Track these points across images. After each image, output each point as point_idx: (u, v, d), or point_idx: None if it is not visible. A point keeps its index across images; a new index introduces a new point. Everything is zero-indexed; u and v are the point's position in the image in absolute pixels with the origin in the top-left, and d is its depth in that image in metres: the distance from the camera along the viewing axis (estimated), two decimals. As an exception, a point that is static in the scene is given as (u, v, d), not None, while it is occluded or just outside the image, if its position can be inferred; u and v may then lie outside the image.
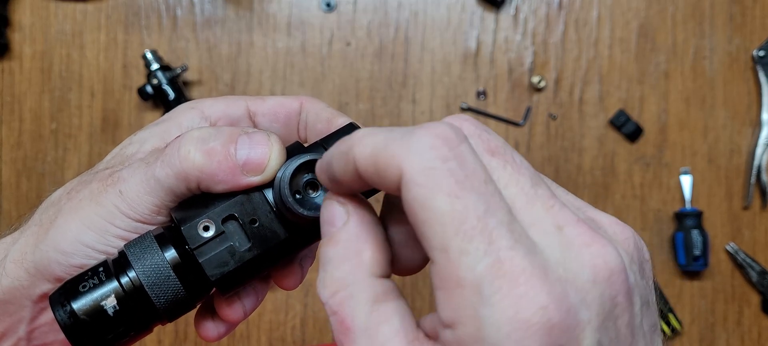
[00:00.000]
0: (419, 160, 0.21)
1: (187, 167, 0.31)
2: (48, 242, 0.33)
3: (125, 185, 0.33)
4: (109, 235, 0.33)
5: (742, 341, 0.91)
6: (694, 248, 0.87)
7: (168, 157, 0.32)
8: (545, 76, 0.91)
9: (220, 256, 0.30)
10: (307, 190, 0.31)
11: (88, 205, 0.33)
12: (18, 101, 0.92)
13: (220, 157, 0.31)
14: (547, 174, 0.91)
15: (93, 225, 0.33)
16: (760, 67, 0.90)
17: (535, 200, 0.22)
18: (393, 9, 0.92)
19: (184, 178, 0.32)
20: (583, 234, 0.22)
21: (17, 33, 0.92)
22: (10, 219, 0.92)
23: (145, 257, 0.31)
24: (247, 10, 0.92)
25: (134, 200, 0.32)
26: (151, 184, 0.32)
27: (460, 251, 0.20)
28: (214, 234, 0.31)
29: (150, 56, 0.86)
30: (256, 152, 0.31)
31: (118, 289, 0.30)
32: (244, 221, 0.31)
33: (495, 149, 0.24)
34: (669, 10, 0.92)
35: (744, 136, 0.92)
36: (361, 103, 0.92)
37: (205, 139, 0.32)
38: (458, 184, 0.21)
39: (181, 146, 0.32)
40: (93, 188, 0.34)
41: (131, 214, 0.33)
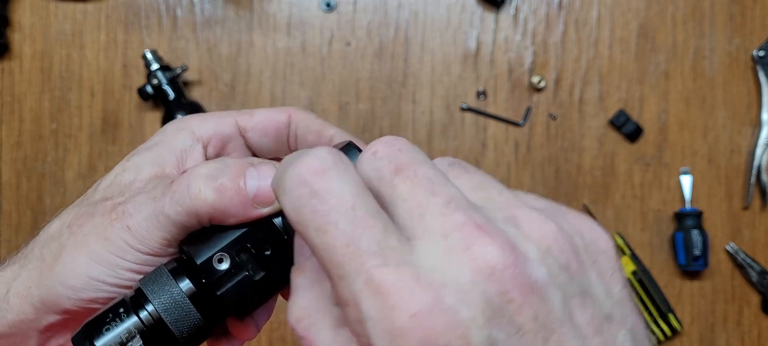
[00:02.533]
0: (289, 200, 0.23)
1: (198, 205, 0.31)
2: (54, 277, 0.33)
3: (132, 219, 0.33)
4: (119, 268, 0.33)
5: (742, 341, 0.91)
6: (694, 248, 0.87)
7: (178, 195, 0.32)
8: (545, 76, 0.91)
9: (236, 286, 0.31)
10: None
11: (95, 240, 0.33)
12: (18, 101, 0.92)
13: (231, 193, 0.31)
14: (548, 174, 0.91)
15: (102, 260, 0.33)
16: (760, 67, 0.90)
17: (427, 210, 0.23)
18: (393, 9, 0.92)
19: (195, 214, 0.32)
20: (467, 237, 0.22)
21: (17, 33, 0.92)
22: (10, 219, 0.92)
23: (162, 292, 0.32)
24: (247, 10, 0.92)
25: (144, 236, 0.32)
26: (161, 220, 0.32)
27: (337, 277, 0.22)
28: (229, 266, 0.31)
29: (150, 56, 0.86)
30: (265, 184, 0.32)
31: (139, 324, 0.31)
32: (256, 250, 0.32)
33: (400, 166, 0.24)
34: (669, 10, 0.92)
35: (744, 136, 0.92)
36: (361, 103, 0.92)
37: (214, 175, 0.32)
38: (322, 218, 0.22)
39: (191, 185, 0.32)
40: (97, 222, 0.33)
41: (141, 248, 0.33)
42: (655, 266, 0.91)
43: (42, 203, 0.91)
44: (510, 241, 0.22)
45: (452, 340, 0.20)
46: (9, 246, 0.92)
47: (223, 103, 0.91)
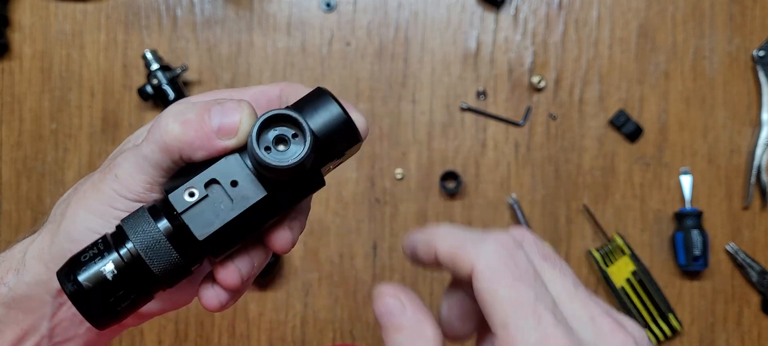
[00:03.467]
0: (486, 261, 0.29)
1: (168, 139, 0.34)
2: (60, 234, 0.36)
3: (119, 169, 0.35)
4: (111, 217, 0.35)
5: (742, 341, 0.91)
6: (694, 248, 0.87)
7: (151, 134, 0.35)
8: (545, 76, 0.91)
9: (205, 217, 0.33)
10: (277, 145, 0.33)
11: (91, 194, 0.36)
12: (18, 101, 0.92)
13: (195, 126, 0.34)
14: (548, 174, 0.91)
15: (96, 211, 0.35)
16: (760, 67, 0.90)
17: (575, 297, 0.30)
18: (393, 9, 0.92)
19: (166, 150, 0.34)
20: (612, 324, 0.29)
21: (17, 33, 0.92)
22: (10, 219, 0.92)
23: (138, 227, 0.33)
24: (247, 10, 0.92)
25: (128, 181, 0.35)
26: (140, 162, 0.35)
27: (516, 327, 0.27)
28: (198, 198, 0.33)
29: (150, 56, 0.86)
30: (228, 118, 0.34)
31: (116, 258, 0.33)
32: (225, 183, 0.33)
33: (547, 255, 0.31)
34: (669, 10, 0.92)
35: (744, 136, 0.92)
36: (361, 103, 0.92)
37: (181, 112, 0.35)
38: (514, 278, 0.28)
39: (161, 121, 0.35)
40: (94, 178, 0.37)
41: (127, 194, 0.35)
42: (655, 266, 0.91)
43: (42, 202, 0.91)
44: (634, 337, 0.29)
45: None
46: (9, 246, 0.92)
47: (223, 103, 0.91)
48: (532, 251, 0.31)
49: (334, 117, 0.35)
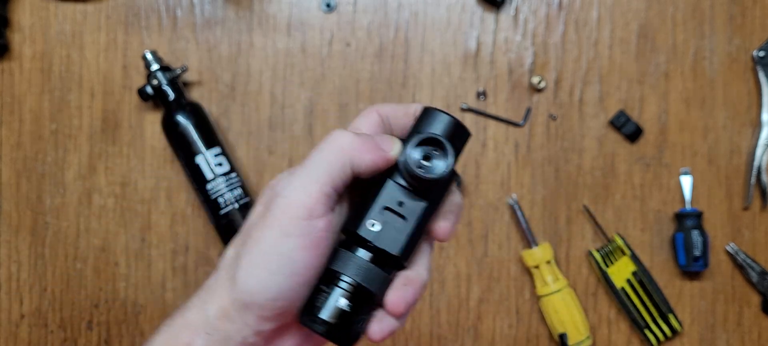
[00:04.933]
0: None
1: (344, 145, 0.40)
2: (238, 289, 0.38)
3: (287, 191, 0.38)
4: (288, 248, 0.38)
5: (743, 342, 0.91)
6: (694, 249, 0.87)
7: (323, 152, 0.40)
8: (545, 76, 0.91)
9: (392, 236, 0.41)
10: (426, 161, 0.41)
11: (262, 235, 0.38)
12: (18, 102, 0.92)
13: (364, 139, 0.41)
14: (548, 175, 0.91)
15: (273, 249, 0.38)
16: (761, 68, 0.90)
17: None
18: (393, 10, 0.92)
19: (340, 164, 0.39)
20: None
21: (17, 34, 0.92)
22: (9, 219, 0.92)
23: (347, 262, 0.40)
24: (247, 11, 0.92)
25: (299, 196, 0.38)
26: (313, 177, 0.39)
27: None
28: (381, 226, 0.41)
29: (150, 57, 0.86)
30: (386, 142, 0.42)
31: (343, 292, 0.40)
32: (393, 207, 0.41)
33: None
34: (669, 11, 0.92)
35: (744, 137, 0.92)
36: (361, 104, 0.92)
37: (350, 132, 0.41)
38: None
39: (334, 138, 0.40)
40: (259, 223, 0.39)
41: (299, 212, 0.38)
42: (655, 267, 0.91)
43: (42, 203, 0.91)
44: None
45: None
46: (9, 246, 0.92)
47: (222, 104, 0.91)
48: None
49: (450, 125, 0.43)
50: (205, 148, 0.85)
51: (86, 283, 0.92)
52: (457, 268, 0.91)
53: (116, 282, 0.91)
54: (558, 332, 0.88)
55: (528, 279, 0.91)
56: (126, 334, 0.91)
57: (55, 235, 0.92)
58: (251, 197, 0.87)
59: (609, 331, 0.91)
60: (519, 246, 0.91)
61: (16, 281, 0.92)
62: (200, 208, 0.90)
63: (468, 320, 0.91)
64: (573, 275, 0.91)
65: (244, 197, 0.86)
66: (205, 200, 0.85)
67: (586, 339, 0.88)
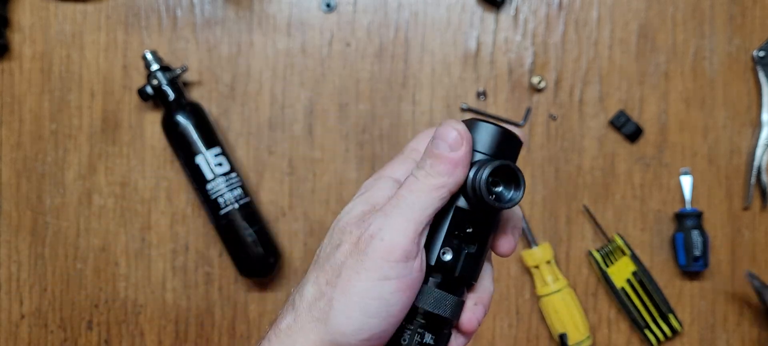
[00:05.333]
0: None
1: (434, 182, 0.40)
2: (331, 330, 0.38)
3: (383, 233, 0.38)
4: (384, 291, 0.38)
5: (743, 342, 0.91)
6: (694, 249, 0.87)
7: (417, 186, 0.40)
8: (545, 76, 0.91)
9: (465, 263, 0.42)
10: (496, 187, 0.41)
11: (357, 277, 0.38)
12: (18, 102, 0.92)
13: (442, 160, 0.40)
14: (548, 175, 0.91)
15: (371, 294, 0.38)
16: (760, 68, 0.90)
17: None
18: (393, 10, 0.92)
19: (436, 196, 0.39)
20: None
21: (17, 34, 0.92)
22: (9, 219, 0.92)
23: (427, 297, 0.41)
24: (247, 11, 0.92)
25: (396, 237, 0.38)
26: (409, 213, 0.39)
27: None
28: (452, 254, 0.41)
29: (150, 57, 0.86)
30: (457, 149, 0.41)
31: (421, 323, 0.41)
32: (462, 233, 0.42)
33: None
34: (669, 11, 0.92)
35: (744, 137, 0.92)
36: (361, 104, 0.92)
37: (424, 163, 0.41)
38: None
39: (423, 175, 0.40)
40: (349, 264, 0.39)
41: (396, 255, 0.38)
42: (655, 267, 0.91)
43: (42, 203, 0.91)
44: None
45: None
46: (9, 246, 0.92)
47: (222, 104, 0.91)
48: None
49: (508, 140, 0.42)
50: (205, 149, 0.85)
51: (86, 283, 0.92)
52: (457, 268, 0.91)
53: (116, 282, 0.91)
54: (558, 332, 0.88)
55: (528, 279, 0.91)
56: (126, 334, 0.91)
57: (55, 235, 0.92)
58: (251, 197, 0.87)
59: (609, 331, 0.91)
60: (519, 246, 0.91)
61: (16, 281, 0.92)
62: (200, 208, 0.90)
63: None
64: (573, 275, 0.91)
65: (243, 196, 0.86)
66: (205, 200, 0.85)
67: (586, 339, 0.88)
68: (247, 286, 0.91)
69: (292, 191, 0.91)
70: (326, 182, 0.91)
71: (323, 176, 0.91)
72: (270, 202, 0.91)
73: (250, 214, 0.86)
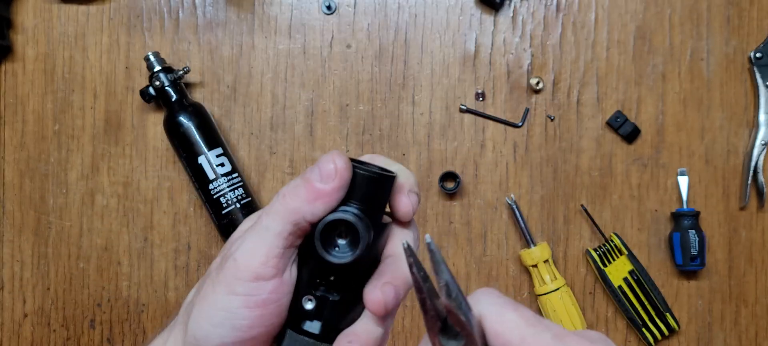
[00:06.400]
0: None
1: (290, 204, 0.38)
2: (188, 335, 0.40)
3: (238, 252, 0.39)
4: (233, 306, 0.38)
5: (740, 341, 0.92)
6: (691, 248, 0.88)
7: (273, 208, 0.39)
8: (543, 77, 0.92)
9: (328, 311, 0.40)
10: (339, 239, 0.39)
11: (210, 288, 0.39)
12: (21, 103, 0.93)
13: (305, 185, 0.39)
14: (546, 175, 0.92)
15: (219, 305, 0.39)
16: (757, 69, 0.91)
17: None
18: (393, 11, 0.93)
19: (290, 219, 0.38)
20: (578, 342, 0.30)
21: (20, 35, 0.93)
22: (13, 220, 0.92)
23: (289, 340, 0.41)
24: (248, 13, 0.93)
25: (247, 259, 0.38)
26: (262, 235, 0.38)
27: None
28: (315, 302, 0.40)
29: (152, 58, 0.87)
30: (325, 168, 0.39)
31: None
32: (325, 280, 0.40)
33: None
34: (666, 13, 0.92)
35: (741, 137, 0.92)
36: (361, 105, 0.92)
37: (291, 184, 0.40)
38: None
39: (282, 193, 0.39)
40: (213, 277, 0.40)
41: (245, 274, 0.38)
42: (652, 266, 0.92)
43: (45, 203, 0.92)
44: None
45: None
46: (12, 246, 0.92)
47: (224, 105, 0.92)
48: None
49: (367, 183, 0.39)
50: (207, 149, 0.86)
51: (89, 282, 0.92)
52: (456, 267, 0.92)
53: (119, 281, 0.92)
54: (556, 330, 0.88)
55: (526, 278, 0.92)
56: (128, 332, 0.92)
57: (58, 234, 0.92)
58: (253, 197, 0.88)
59: (606, 330, 0.92)
60: (517, 245, 0.92)
61: (19, 280, 0.93)
62: (202, 208, 0.91)
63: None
64: (571, 274, 0.92)
65: (245, 197, 0.87)
66: (207, 199, 0.86)
67: (584, 338, 0.89)
68: (249, 285, 0.92)
69: (292, 191, 0.92)
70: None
71: (324, 176, 0.92)
72: (271, 202, 0.92)
73: (252, 214, 0.87)
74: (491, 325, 0.32)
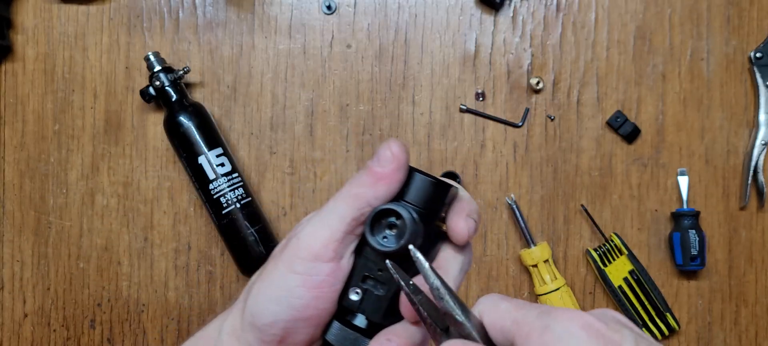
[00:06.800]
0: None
1: (357, 191, 0.40)
2: (247, 312, 0.42)
3: (302, 232, 0.41)
4: (291, 284, 0.40)
5: (740, 341, 0.92)
6: (691, 248, 0.88)
7: (341, 194, 0.41)
8: (543, 77, 0.92)
9: (371, 304, 0.42)
10: (388, 230, 0.41)
11: (271, 266, 0.41)
12: (21, 103, 0.93)
13: (370, 173, 0.41)
14: (546, 175, 0.92)
15: (279, 283, 0.40)
16: (757, 69, 0.91)
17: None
18: (393, 11, 0.93)
19: (355, 206, 0.40)
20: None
21: (20, 35, 0.93)
22: (13, 219, 0.93)
23: (331, 329, 0.43)
24: (248, 13, 0.93)
25: (309, 238, 0.40)
26: (325, 218, 0.40)
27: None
28: (361, 295, 0.42)
29: (152, 58, 0.87)
30: (384, 158, 0.42)
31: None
32: (373, 274, 0.42)
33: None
34: (666, 13, 0.92)
35: (741, 137, 0.92)
36: (362, 105, 0.92)
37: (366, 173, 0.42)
38: None
39: (351, 182, 0.41)
40: (276, 256, 0.42)
41: (306, 253, 0.40)
42: (652, 266, 0.92)
43: (45, 203, 0.92)
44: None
45: None
46: (12, 246, 0.93)
47: (224, 105, 0.92)
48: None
49: (426, 187, 0.41)
50: (207, 149, 0.86)
51: (89, 282, 0.92)
52: (457, 267, 0.92)
53: (119, 281, 0.92)
54: (556, 330, 0.88)
55: (526, 278, 0.92)
56: (128, 332, 0.92)
57: (58, 234, 0.92)
58: (253, 197, 0.88)
59: (607, 329, 0.92)
60: (517, 245, 0.92)
61: (19, 280, 0.93)
62: (202, 207, 0.91)
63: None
64: (571, 274, 0.92)
65: (245, 196, 0.87)
66: (207, 199, 0.86)
67: (584, 338, 0.89)
68: (249, 285, 0.92)
69: (293, 191, 0.92)
70: (327, 181, 0.92)
71: (324, 176, 0.92)
72: (271, 201, 0.92)
73: (252, 213, 0.87)
74: (488, 316, 0.36)
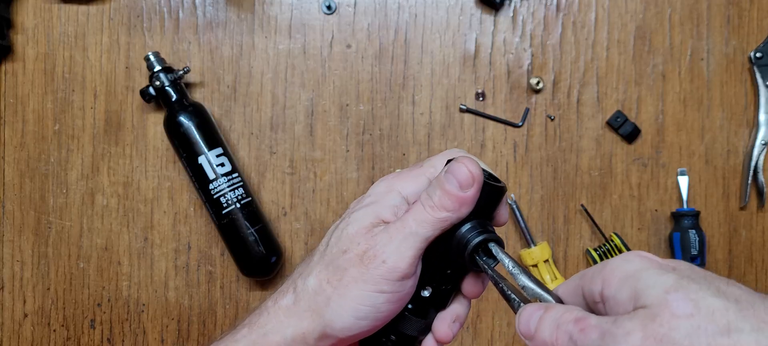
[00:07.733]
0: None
1: (438, 214, 0.43)
2: (325, 323, 0.44)
3: (385, 254, 0.43)
4: (378, 302, 0.43)
5: (739, 340, 0.92)
6: (692, 248, 0.88)
7: (419, 215, 0.43)
8: (543, 77, 0.92)
9: (440, 298, 0.47)
10: (475, 255, 0.44)
11: (356, 285, 0.43)
12: (21, 103, 0.93)
13: (449, 196, 0.43)
14: (546, 175, 0.92)
15: (365, 301, 0.43)
16: (757, 69, 0.91)
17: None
18: (393, 11, 0.93)
19: (437, 221, 0.43)
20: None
21: (20, 35, 0.93)
22: (13, 219, 0.93)
23: (403, 321, 0.47)
24: (248, 13, 0.93)
25: (397, 261, 0.42)
26: (410, 240, 0.43)
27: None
28: (431, 291, 0.46)
29: (152, 58, 0.87)
30: (463, 180, 0.44)
31: (393, 341, 0.48)
32: (442, 274, 0.46)
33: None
34: (666, 13, 0.92)
35: (741, 137, 0.92)
36: (362, 105, 0.92)
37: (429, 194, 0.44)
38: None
39: (426, 199, 0.43)
40: (353, 273, 0.43)
41: (395, 275, 0.43)
42: (652, 266, 0.92)
43: (45, 203, 0.92)
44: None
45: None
46: (12, 246, 0.93)
47: (224, 105, 0.92)
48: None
49: (491, 189, 0.44)
50: (207, 149, 0.86)
51: (89, 282, 0.92)
52: (457, 267, 0.92)
53: (119, 281, 0.92)
54: (556, 330, 0.88)
55: (526, 278, 0.92)
56: (128, 332, 0.92)
57: (58, 234, 0.93)
58: (253, 197, 0.88)
59: (607, 329, 0.92)
60: (517, 245, 0.92)
61: (19, 280, 0.93)
62: (202, 207, 0.91)
63: (467, 318, 0.92)
64: (571, 274, 0.92)
65: (245, 196, 0.87)
66: (207, 199, 0.86)
67: (584, 337, 0.89)
68: (249, 285, 0.92)
69: (293, 191, 0.92)
70: (327, 181, 0.92)
71: (324, 176, 0.92)
72: (271, 201, 0.92)
73: (252, 213, 0.87)
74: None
